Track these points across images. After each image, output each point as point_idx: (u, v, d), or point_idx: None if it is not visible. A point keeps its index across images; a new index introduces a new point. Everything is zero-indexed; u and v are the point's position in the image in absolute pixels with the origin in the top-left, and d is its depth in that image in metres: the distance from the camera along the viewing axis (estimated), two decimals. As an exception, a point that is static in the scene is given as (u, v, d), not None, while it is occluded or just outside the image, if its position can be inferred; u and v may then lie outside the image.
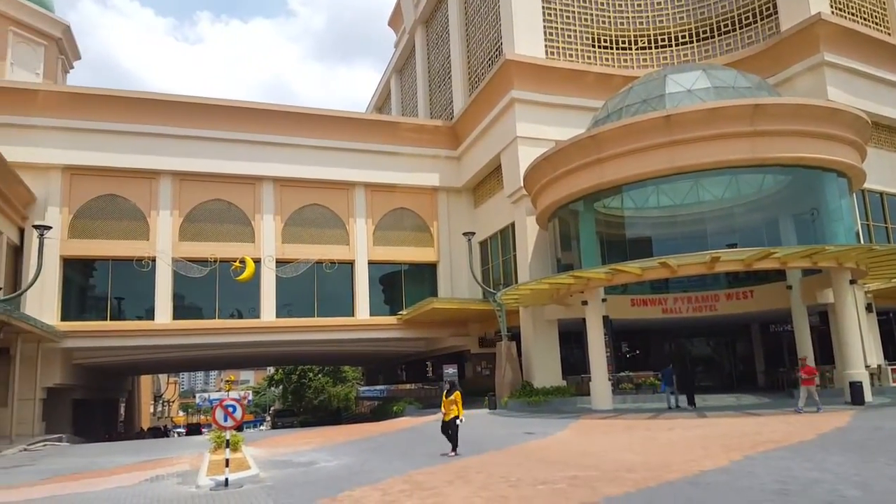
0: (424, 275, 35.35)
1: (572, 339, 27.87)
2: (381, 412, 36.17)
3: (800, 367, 18.75)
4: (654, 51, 31.38)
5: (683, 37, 31.10)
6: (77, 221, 29.47)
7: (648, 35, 31.46)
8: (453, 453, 13.70)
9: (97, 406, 39.48)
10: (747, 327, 30.72)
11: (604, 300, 23.95)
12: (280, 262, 32.01)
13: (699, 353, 33.31)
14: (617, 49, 31.36)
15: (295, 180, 32.83)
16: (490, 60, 32.62)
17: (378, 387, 50.82)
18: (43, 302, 27.81)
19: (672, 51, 31.20)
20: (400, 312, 33.18)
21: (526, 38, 29.34)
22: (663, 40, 31.38)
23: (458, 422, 13.82)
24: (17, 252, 28.87)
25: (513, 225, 29.98)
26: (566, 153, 23.72)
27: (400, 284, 35.00)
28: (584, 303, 23.33)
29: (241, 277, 29.69)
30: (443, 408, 14.13)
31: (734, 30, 29.84)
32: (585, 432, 16.97)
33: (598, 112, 26.25)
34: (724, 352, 32.91)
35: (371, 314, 33.29)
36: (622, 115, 23.91)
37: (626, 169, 22.43)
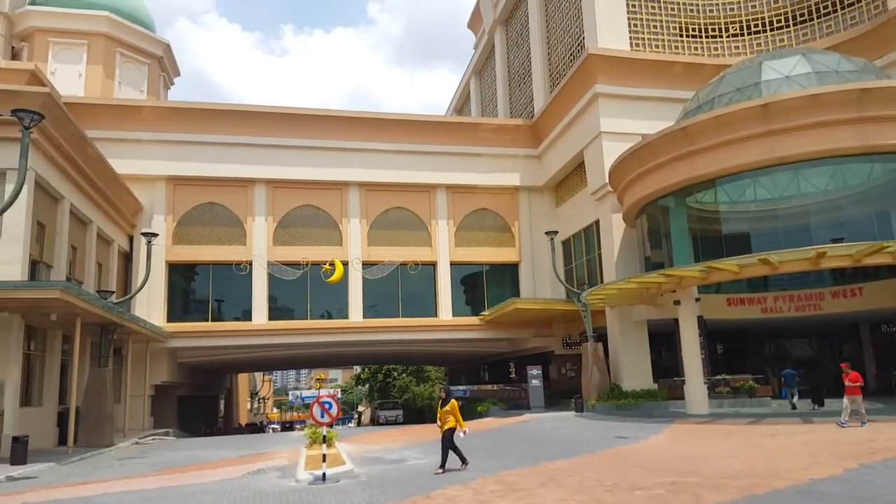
0: (506, 275, 35.21)
1: (663, 341, 26.91)
2: (464, 412, 36.10)
3: (844, 374, 16.92)
4: (746, 37, 29.83)
5: (779, 21, 29.37)
6: (180, 229, 31.43)
7: (740, 21, 29.95)
8: (440, 471, 12.01)
9: (199, 402, 41.86)
10: (855, 327, 28.59)
11: (697, 299, 22.95)
12: (366, 264, 32.84)
13: (802, 354, 31.32)
14: (706, 37, 30.04)
15: (379, 184, 33.58)
16: (572, 56, 32.08)
17: (461, 387, 50.80)
18: (151, 304, 29.80)
19: (766, 36, 29.54)
20: (482, 313, 33.20)
21: (609, 31, 28.63)
22: (756, 26, 29.76)
23: (461, 435, 12.19)
24: (127, 258, 31.13)
25: (597, 223, 29.33)
26: (655, 147, 22.94)
27: (482, 285, 35.03)
28: (677, 302, 22.46)
29: (330, 279, 30.79)
30: (438, 420, 12.58)
31: (835, 11, 27.88)
32: (681, 437, 16.33)
33: (687, 103, 25.23)
34: (829, 354, 30.77)
35: (453, 315, 33.51)
36: (714, 105, 22.86)
37: (721, 161, 21.42)
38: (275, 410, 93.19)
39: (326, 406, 12.27)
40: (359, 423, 44.02)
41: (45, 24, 34.47)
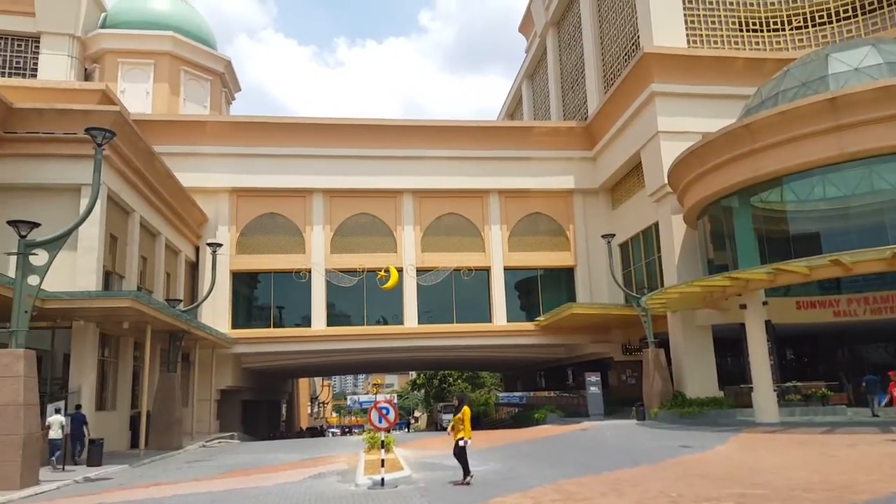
0: (561, 280, 34.78)
1: (729, 346, 25.96)
2: (521, 419, 35.97)
3: (892, 383, 15.63)
4: (811, 29, 28.60)
5: (846, 11, 28.03)
6: (243, 238, 32.51)
7: (804, 13, 28.75)
8: (464, 481, 11.60)
9: (262, 407, 43.06)
10: (940, 332, 26.83)
11: (765, 303, 22.03)
12: (420, 271, 33.10)
13: (879, 360, 29.59)
14: (768, 31, 28.96)
15: (432, 191, 33.81)
16: (626, 56, 31.50)
17: (517, 393, 50.62)
18: (216, 312, 30.88)
19: (832, 28, 28.25)
20: (537, 318, 32.87)
21: (665, 29, 27.98)
22: (821, 17, 28.50)
23: (461, 443, 11.54)
24: (193, 268, 32.40)
25: (656, 225, 28.61)
26: (716, 145, 22.22)
27: (536, 290, 34.72)
28: (743, 306, 21.63)
29: (386, 286, 31.20)
30: (449, 428, 12.13)
31: (910, -4, 26.39)
32: (749, 447, 15.68)
33: (749, 100, 24.35)
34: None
35: (508, 320, 33.33)
36: (778, 101, 21.97)
37: (786, 159, 20.57)
38: (334, 414, 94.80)
39: (384, 411, 12.38)
40: (407, 429, 43.20)
41: (114, 45, 36.32)
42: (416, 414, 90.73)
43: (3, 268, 17.25)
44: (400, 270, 32.28)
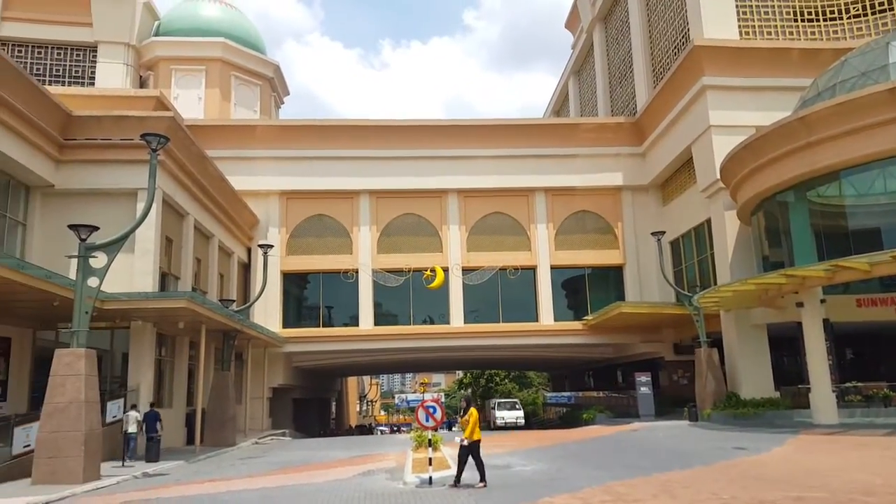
0: (610, 278, 34.23)
1: (785, 346, 25.03)
2: (569, 419, 35.59)
3: None
4: (870, 17, 27.33)
5: (911, -7, 26.65)
6: (292, 240, 33.22)
7: (863, 0, 27.48)
8: (481, 484, 11.28)
9: (313, 404, 43.87)
10: None
11: (823, 301, 21.16)
12: (466, 270, 33.13)
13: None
14: (824, 20, 27.80)
15: (477, 190, 33.79)
16: (676, 49, 30.75)
17: (565, 393, 50.11)
18: (268, 312, 31.64)
19: (893, 15, 26.93)
20: (585, 318, 32.44)
21: (716, 21, 27.17)
22: (881, 4, 27.20)
23: (457, 440, 11.38)
24: (245, 269, 33.27)
25: (708, 221, 27.84)
26: (770, 139, 21.46)
27: (584, 289, 34.27)
28: (800, 305, 20.83)
29: (432, 285, 31.36)
30: (461, 429, 12.02)
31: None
32: (807, 449, 15.09)
33: (805, 91, 23.42)
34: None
35: (555, 320, 33.02)
36: (836, 92, 21.06)
37: (845, 152, 19.70)
38: (382, 413, 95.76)
39: (431, 410, 12.43)
40: (492, 425, 40.07)
41: (167, 52, 37.58)
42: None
43: (65, 270, 18.05)
44: (446, 270, 32.40)
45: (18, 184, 20.49)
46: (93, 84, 34.54)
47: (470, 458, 11.35)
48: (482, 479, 11.38)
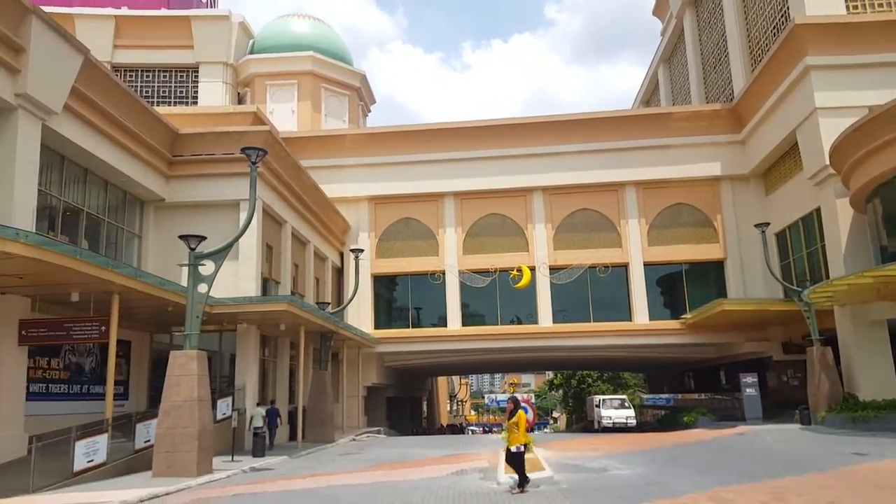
0: (709, 274, 32.64)
1: (910, 343, 22.91)
2: (668, 422, 34.21)
3: None
4: None
5: None
6: (381, 243, 34.07)
7: None
8: (517, 490, 11.00)
9: (405, 403, 44.72)
10: None
11: (954, 294, 19.22)
12: (553, 269, 32.66)
13: None
14: (948, -18, 25.24)
15: (563, 187, 33.23)
16: (775, 29, 28.91)
17: (662, 395, 48.18)
18: (360, 314, 32.60)
19: None
20: (683, 316, 31.08)
21: (819, -5, 25.31)
22: None
23: (514, 449, 10.96)
24: (338, 272, 34.47)
25: (818, 210, 25.93)
26: (886, 119, 19.71)
27: (681, 286, 32.85)
28: (926, 298, 19.01)
29: (518, 285, 31.17)
30: (506, 433, 11.50)
31: None
32: (942, 458, 13.72)
33: (926, 64, 21.36)
34: None
35: (650, 319, 31.85)
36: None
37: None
38: (472, 412, 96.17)
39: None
40: (598, 426, 36.38)
41: (261, 69, 39.54)
42: (555, 414, 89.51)
43: (176, 278, 19.35)
44: (532, 269, 32.10)
45: (134, 199, 22.21)
46: (196, 103, 36.91)
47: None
48: (520, 484, 11.05)
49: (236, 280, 21.73)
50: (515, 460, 10.99)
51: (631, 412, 34.88)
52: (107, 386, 15.55)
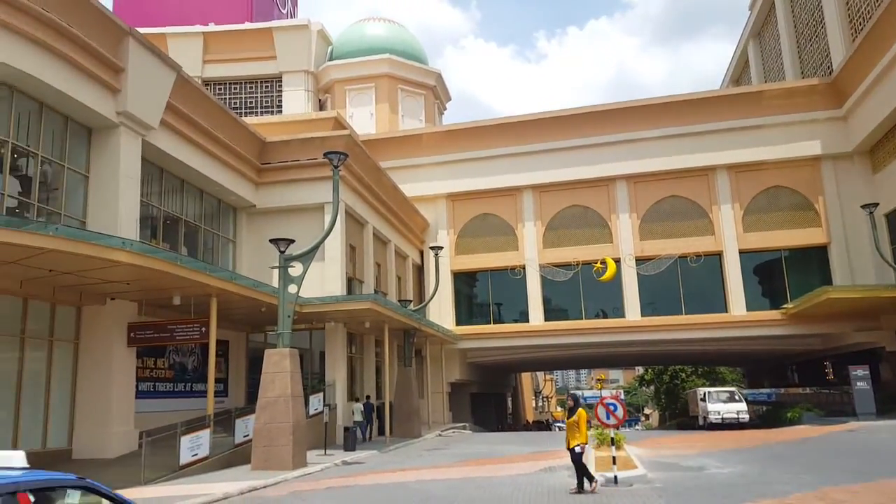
0: (811, 260, 30.58)
1: None
2: (769, 418, 32.29)
3: None
4: None
5: None
6: (460, 240, 34.19)
7: None
8: (574, 490, 10.64)
9: (489, 399, 44.66)
10: None
11: None
12: (640, 260, 31.64)
13: None
14: None
15: (647, 175, 32.14)
16: (877, -8, 26.67)
17: (763, 390, 45.52)
18: (441, 310, 32.85)
19: None
20: (784, 306, 29.28)
21: (929, -50, 23.10)
22: None
23: (577, 450, 10.49)
24: (419, 270, 34.88)
25: (934, 188, 23.72)
26: None
27: (781, 273, 30.97)
28: None
29: (603, 278, 30.38)
30: (567, 432, 11.05)
31: None
32: None
33: None
34: None
35: (747, 310, 30.23)
36: None
37: None
38: (558, 409, 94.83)
39: (611, 408, 11.96)
40: (704, 422, 31.18)
41: (340, 74, 40.56)
42: (647, 411, 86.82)
43: (268, 279, 20.18)
44: (617, 261, 31.22)
45: (227, 206, 23.36)
46: (280, 111, 38.36)
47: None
48: (580, 485, 10.66)
49: (323, 280, 22.40)
50: (576, 460, 10.66)
51: (743, 406, 30.76)
52: (208, 384, 16.40)
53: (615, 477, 11.49)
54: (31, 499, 4.02)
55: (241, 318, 20.91)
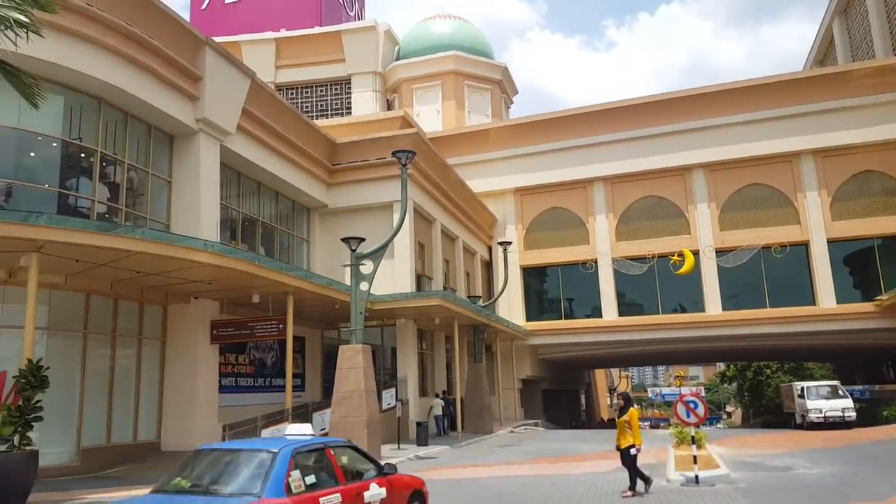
0: (907, 249, 28.51)
1: None
2: (863, 416, 30.30)
3: None
4: None
5: None
6: (529, 235, 33.84)
7: None
8: (629, 493, 10.24)
9: (561, 396, 44.06)
10: None
11: None
12: (720, 252, 30.39)
13: None
14: None
15: (727, 162, 30.87)
16: (981, -45, 24.47)
17: (856, 387, 42.80)
18: (511, 306, 32.64)
19: None
20: (878, 298, 27.47)
21: None
22: None
23: (632, 451, 10.20)
24: (487, 266, 34.79)
25: None
26: None
27: (873, 263, 29.07)
28: None
29: (680, 271, 29.38)
30: (617, 431, 10.68)
31: None
32: None
33: None
34: None
35: (837, 302, 28.56)
36: None
37: None
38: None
39: (692, 405, 11.53)
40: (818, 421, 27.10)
41: (407, 74, 40.95)
42: (729, 409, 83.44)
43: (340, 277, 20.61)
44: (695, 253, 30.10)
45: (301, 206, 24.07)
46: (349, 113, 39.12)
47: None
48: (632, 486, 10.34)
49: (393, 278, 22.71)
50: (628, 462, 10.41)
51: (848, 402, 27.01)
52: (286, 378, 16.96)
53: (696, 476, 11.09)
54: (332, 453, 6.54)
55: (316, 315, 21.49)
